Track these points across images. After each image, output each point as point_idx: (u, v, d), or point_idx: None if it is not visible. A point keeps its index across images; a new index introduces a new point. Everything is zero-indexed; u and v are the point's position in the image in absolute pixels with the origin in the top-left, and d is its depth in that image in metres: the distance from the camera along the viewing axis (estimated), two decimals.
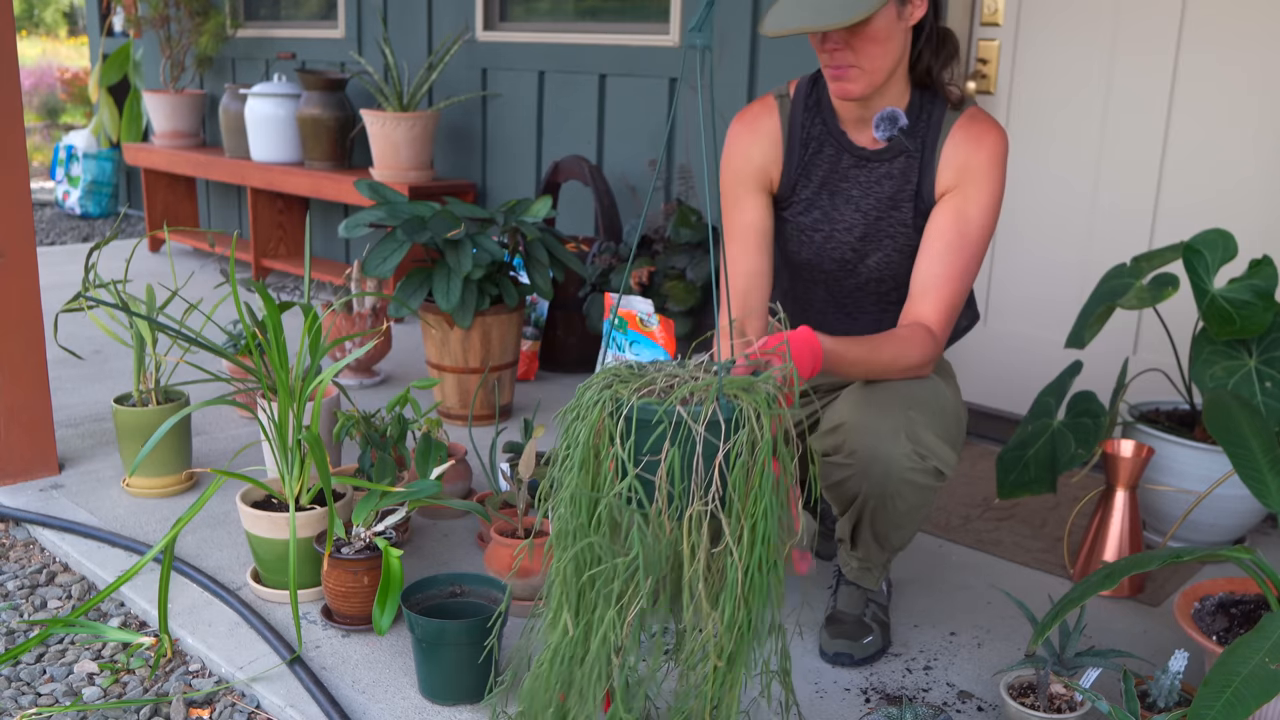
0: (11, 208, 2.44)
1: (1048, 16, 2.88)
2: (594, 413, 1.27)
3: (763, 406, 1.27)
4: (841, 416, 1.74)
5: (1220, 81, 2.64)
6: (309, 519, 2.00)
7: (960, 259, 1.77)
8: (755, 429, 1.25)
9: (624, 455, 1.26)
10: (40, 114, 11.09)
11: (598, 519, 1.29)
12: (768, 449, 1.26)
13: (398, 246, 2.81)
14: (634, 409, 1.26)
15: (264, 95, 4.58)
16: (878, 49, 1.69)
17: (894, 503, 1.74)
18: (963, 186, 1.78)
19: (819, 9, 1.62)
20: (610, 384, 1.31)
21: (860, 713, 1.74)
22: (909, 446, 1.69)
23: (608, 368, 1.36)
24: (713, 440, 1.25)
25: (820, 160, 1.87)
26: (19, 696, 1.80)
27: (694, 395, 1.27)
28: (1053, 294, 2.98)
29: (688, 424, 1.24)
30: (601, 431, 1.28)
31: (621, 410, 1.27)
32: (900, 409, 1.71)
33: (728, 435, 1.25)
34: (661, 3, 3.60)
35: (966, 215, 1.77)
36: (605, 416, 1.28)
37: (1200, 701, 1.27)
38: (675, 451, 1.25)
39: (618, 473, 1.27)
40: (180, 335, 2.25)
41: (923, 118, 1.81)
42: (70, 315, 4.03)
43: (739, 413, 1.26)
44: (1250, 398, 2.13)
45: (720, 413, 1.25)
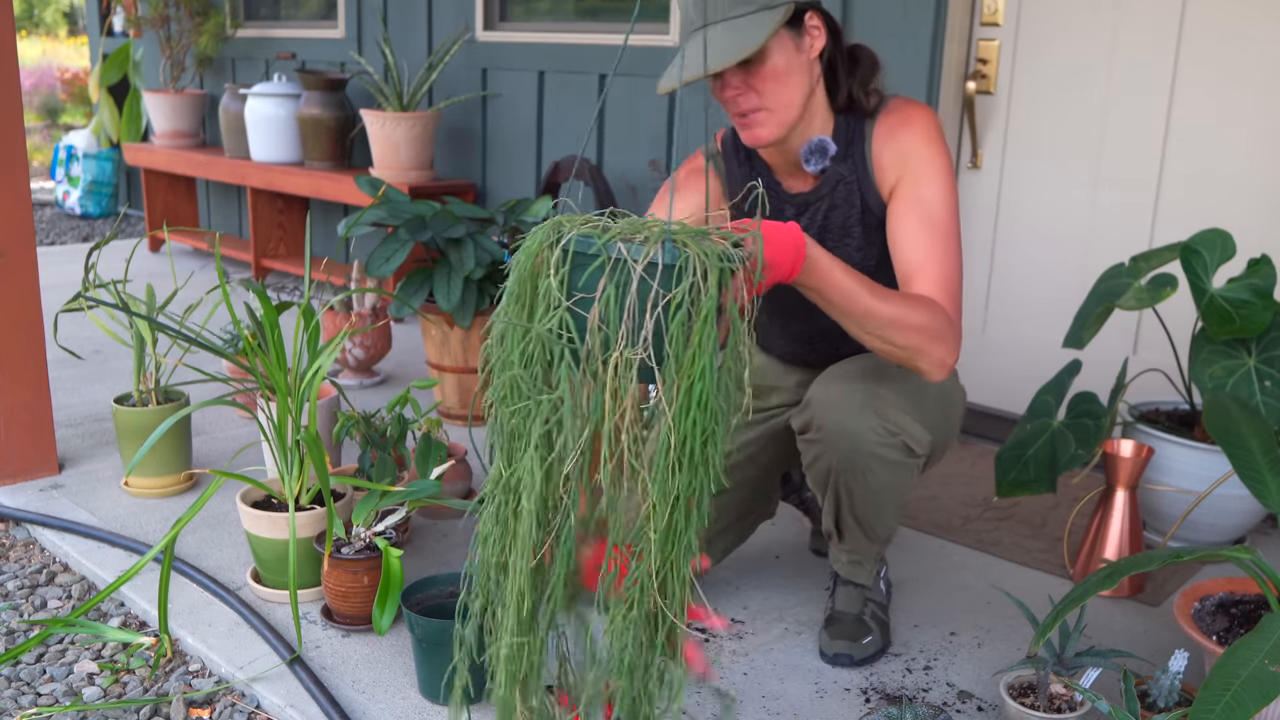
0: (11, 208, 2.44)
1: (1048, 16, 2.88)
2: (535, 239, 1.20)
3: (712, 261, 1.16)
4: (811, 393, 1.76)
5: (1220, 82, 2.64)
6: (309, 519, 2.00)
7: (936, 238, 1.65)
8: (700, 282, 1.16)
9: (555, 285, 1.18)
10: (40, 114, 11.09)
11: (528, 356, 1.21)
12: (711, 304, 1.15)
13: (400, 246, 2.81)
14: (572, 240, 1.18)
15: (264, 95, 4.58)
16: (779, 86, 1.64)
17: (865, 479, 1.74)
18: (905, 175, 1.70)
19: (712, 52, 1.58)
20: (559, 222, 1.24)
21: (860, 713, 1.74)
22: (875, 421, 1.69)
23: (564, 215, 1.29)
24: (649, 281, 1.16)
25: (753, 206, 1.84)
26: (19, 696, 1.80)
27: (640, 234, 1.19)
28: (1053, 294, 2.98)
29: (627, 262, 1.16)
30: (541, 262, 1.20)
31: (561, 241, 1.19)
32: (868, 385, 1.71)
33: (670, 282, 1.16)
34: (661, 3, 3.60)
35: (922, 197, 1.68)
36: (545, 247, 1.20)
37: (1200, 704, 1.27)
38: (611, 289, 1.16)
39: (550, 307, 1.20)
40: (180, 335, 2.25)
41: (850, 137, 1.76)
42: (70, 315, 4.03)
43: (684, 260, 1.16)
44: (1250, 397, 2.13)
45: (663, 256, 1.16)
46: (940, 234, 1.66)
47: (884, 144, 1.74)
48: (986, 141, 3.04)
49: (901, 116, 1.74)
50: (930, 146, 1.71)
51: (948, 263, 1.64)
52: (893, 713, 1.57)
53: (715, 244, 1.19)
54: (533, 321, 1.21)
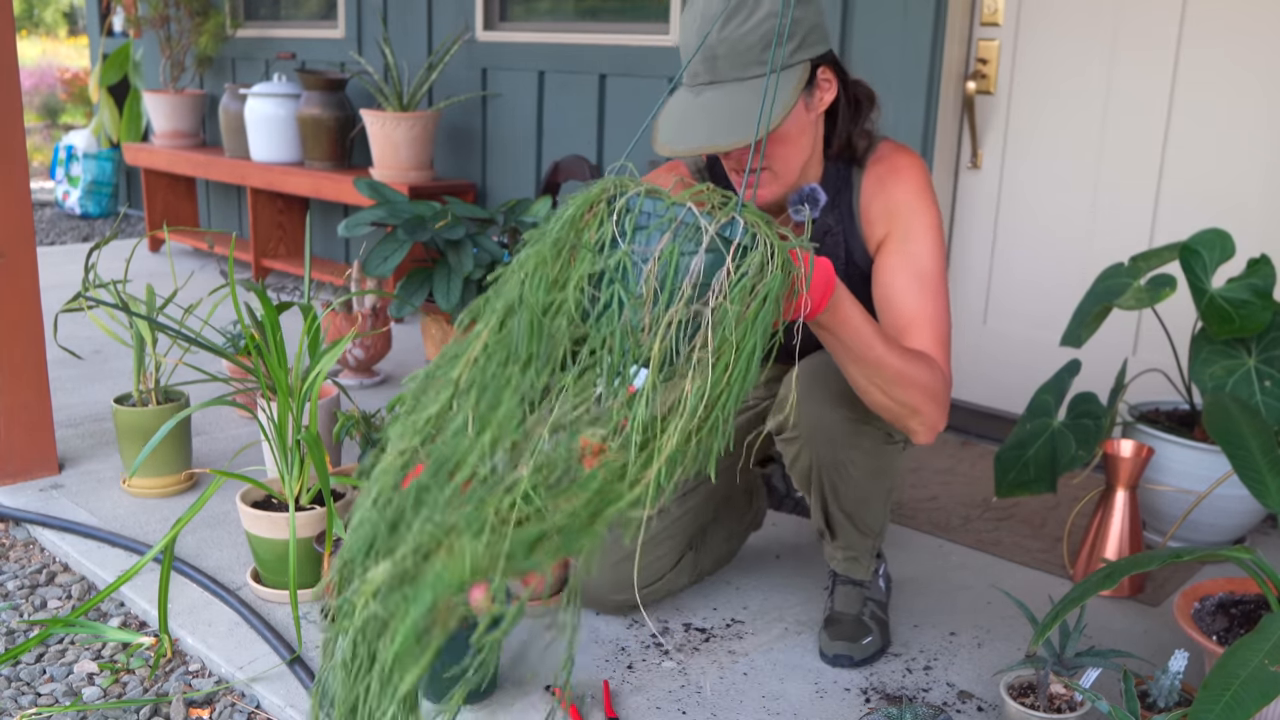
0: (11, 208, 2.44)
1: (1048, 16, 2.88)
2: (593, 191, 1.13)
3: (777, 245, 1.14)
4: (783, 393, 1.76)
5: (1220, 82, 2.64)
6: (309, 519, 2.00)
7: (927, 294, 1.60)
8: (767, 257, 1.12)
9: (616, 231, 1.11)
10: (40, 114, 11.09)
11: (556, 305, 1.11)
12: (774, 285, 1.12)
13: (398, 246, 2.81)
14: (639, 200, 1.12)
15: (264, 95, 4.58)
16: (789, 149, 1.57)
17: (847, 471, 1.75)
18: (895, 229, 1.64)
19: (716, 123, 1.46)
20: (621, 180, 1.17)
21: (860, 713, 1.74)
22: (849, 411, 1.69)
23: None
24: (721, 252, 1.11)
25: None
26: (19, 696, 1.80)
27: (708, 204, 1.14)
28: (1052, 294, 2.98)
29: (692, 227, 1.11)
30: (594, 212, 1.13)
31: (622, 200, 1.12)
32: (839, 376, 1.69)
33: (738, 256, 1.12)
34: (661, 3, 3.60)
35: (913, 252, 1.62)
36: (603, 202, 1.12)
37: (1200, 704, 1.27)
38: (673, 246, 1.11)
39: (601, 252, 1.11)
40: (180, 335, 2.25)
41: (839, 185, 1.70)
42: (70, 315, 4.03)
43: (752, 237, 1.12)
44: (1249, 397, 2.13)
45: (733, 232, 1.12)
46: (931, 290, 1.61)
47: (873, 195, 1.68)
48: (986, 141, 3.04)
49: (890, 166, 1.68)
50: (920, 199, 1.65)
51: (940, 322, 1.60)
52: (893, 713, 1.57)
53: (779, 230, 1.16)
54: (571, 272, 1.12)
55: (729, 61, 1.48)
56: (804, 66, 1.52)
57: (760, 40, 1.47)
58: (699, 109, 1.49)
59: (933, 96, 2.98)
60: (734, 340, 1.10)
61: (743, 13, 1.46)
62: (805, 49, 1.51)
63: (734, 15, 1.46)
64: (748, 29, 1.46)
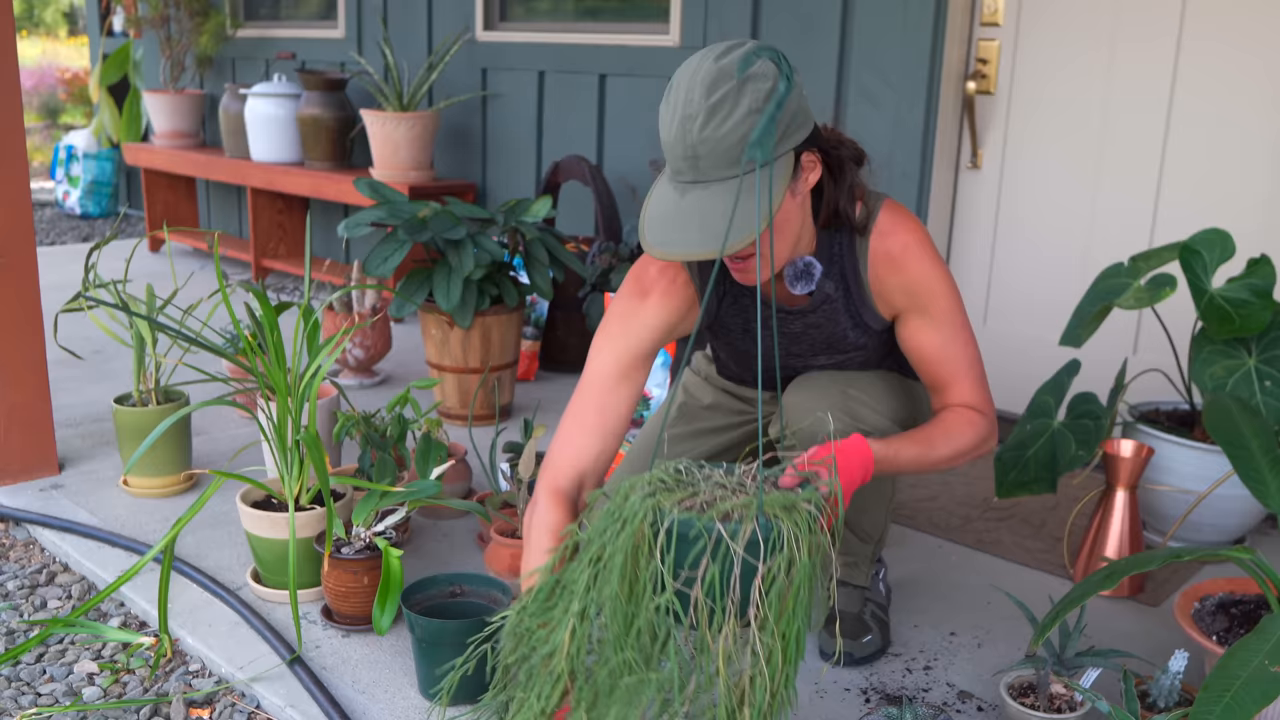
0: (11, 208, 2.44)
1: (1048, 16, 2.88)
2: (635, 522, 1.26)
3: (803, 530, 1.25)
4: (784, 400, 1.76)
5: (1220, 81, 2.64)
6: (309, 519, 2.00)
7: (957, 344, 1.68)
8: (794, 552, 1.24)
9: (664, 569, 1.25)
10: (40, 114, 11.09)
11: (636, 630, 1.27)
12: (805, 573, 1.24)
13: (398, 246, 2.81)
14: (674, 522, 1.24)
15: (264, 95, 4.58)
16: (778, 237, 1.55)
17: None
18: (917, 303, 1.68)
19: (705, 228, 1.44)
20: (654, 492, 1.30)
21: (860, 713, 1.74)
22: (847, 421, 1.69)
23: (655, 473, 1.34)
24: (751, 560, 1.24)
25: (737, 309, 1.77)
26: (19, 696, 1.80)
27: (735, 512, 1.26)
28: (1052, 294, 2.98)
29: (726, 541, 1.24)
30: (641, 541, 1.26)
31: (662, 521, 1.25)
32: (838, 389, 1.71)
33: (766, 555, 1.24)
34: (661, 3, 3.60)
35: (937, 315, 1.68)
36: (646, 526, 1.26)
37: (1200, 705, 1.27)
38: (714, 568, 1.23)
39: (656, 586, 1.26)
40: (180, 335, 2.25)
41: (835, 252, 1.69)
42: (70, 315, 4.03)
43: (777, 534, 1.24)
44: (1250, 397, 2.13)
45: (759, 532, 1.23)
46: (960, 337, 1.69)
47: (884, 276, 1.68)
48: (986, 141, 3.04)
49: (899, 244, 1.66)
50: (932, 267, 1.67)
51: (973, 361, 1.70)
52: (893, 713, 1.57)
53: (803, 510, 1.26)
54: (636, 597, 1.27)
55: (711, 161, 1.45)
56: (788, 158, 1.49)
57: (741, 139, 1.43)
58: (686, 211, 1.47)
59: (933, 96, 2.98)
60: (779, 632, 1.25)
61: (722, 111, 1.42)
62: (788, 139, 1.48)
63: (714, 114, 1.42)
64: (728, 129, 1.42)
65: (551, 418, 3.14)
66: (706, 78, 1.43)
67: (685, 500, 1.29)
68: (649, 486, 1.30)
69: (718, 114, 1.42)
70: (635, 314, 1.70)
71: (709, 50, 1.47)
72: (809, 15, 3.18)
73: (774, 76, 1.43)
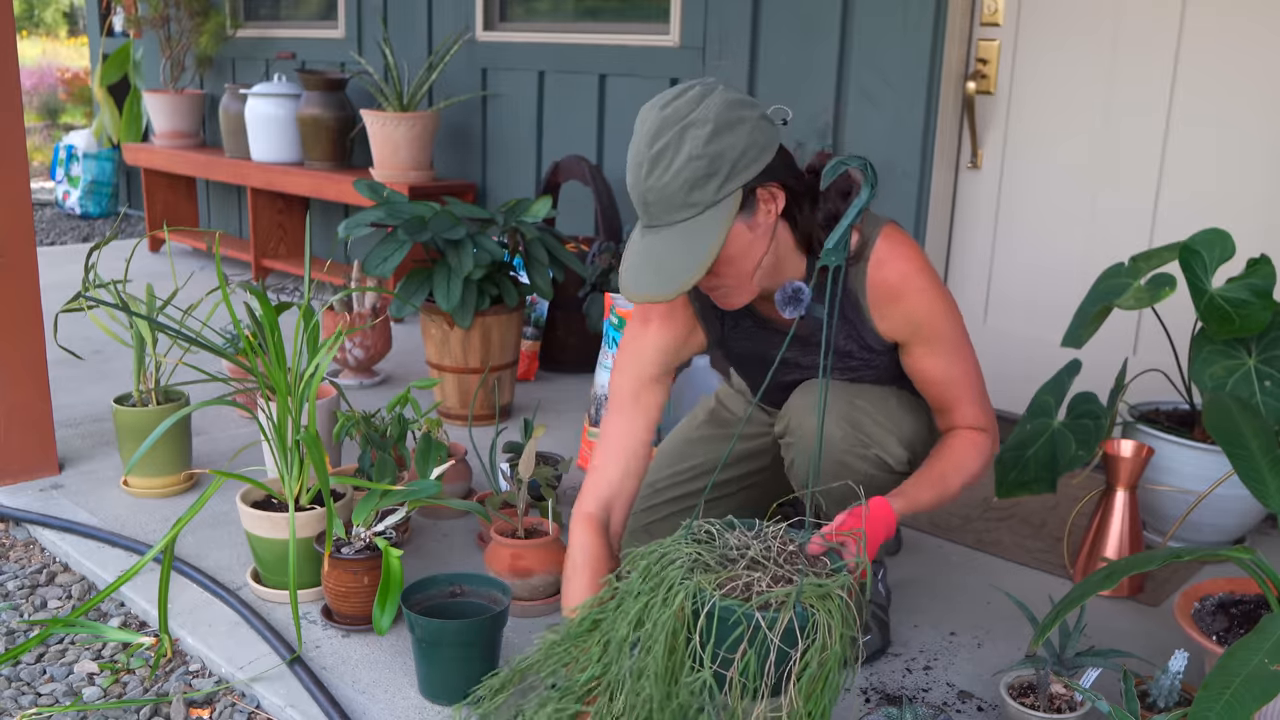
0: (11, 208, 2.44)
1: (1048, 16, 2.88)
2: (675, 603, 1.34)
3: (836, 619, 1.33)
4: (790, 400, 1.81)
5: (1220, 81, 2.64)
6: (309, 519, 2.00)
7: (959, 370, 1.75)
8: (827, 640, 1.32)
9: (703, 653, 1.32)
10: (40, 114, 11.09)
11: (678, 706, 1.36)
12: (835, 660, 1.32)
13: (398, 246, 2.81)
14: (715, 607, 1.32)
15: (264, 95, 4.58)
16: (738, 266, 1.59)
17: (841, 492, 1.77)
18: (920, 331, 1.72)
19: (660, 270, 1.53)
20: (693, 569, 1.37)
21: (860, 713, 1.74)
22: (847, 429, 1.74)
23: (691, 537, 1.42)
24: (786, 649, 1.32)
25: (740, 333, 1.84)
26: (19, 696, 1.80)
27: (774, 602, 1.33)
28: (1052, 294, 2.98)
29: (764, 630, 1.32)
30: (682, 621, 1.34)
31: (703, 604, 1.33)
32: (844, 398, 1.76)
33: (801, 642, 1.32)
34: (661, 3, 3.60)
35: (938, 348, 1.73)
36: (687, 607, 1.34)
37: (1200, 704, 1.27)
38: (752, 654, 1.31)
39: (694, 663, 1.34)
40: (180, 335, 2.25)
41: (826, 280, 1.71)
42: (70, 315, 4.03)
43: (813, 624, 1.32)
44: (1250, 397, 2.13)
45: (796, 620, 1.31)
46: (962, 361, 1.75)
47: (883, 305, 1.71)
48: (986, 141, 3.04)
49: (895, 272, 1.68)
50: (932, 296, 1.70)
51: (974, 379, 1.76)
52: (893, 713, 1.57)
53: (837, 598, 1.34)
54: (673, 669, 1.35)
55: (660, 207, 1.52)
56: (734, 198, 1.52)
57: (683, 186, 1.49)
58: (646, 256, 1.55)
59: (933, 96, 2.98)
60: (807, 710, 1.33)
61: (664, 161, 1.49)
62: (734, 178, 1.51)
63: (656, 164, 1.50)
64: (669, 177, 1.49)
65: (551, 417, 3.14)
66: (652, 127, 1.51)
67: (725, 582, 1.36)
68: (688, 560, 1.38)
69: (660, 163, 1.49)
70: (639, 339, 1.81)
71: (662, 95, 1.55)
72: (809, 15, 3.18)
73: (713, 121, 1.49)
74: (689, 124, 1.49)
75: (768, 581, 1.37)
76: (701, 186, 1.49)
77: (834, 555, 1.46)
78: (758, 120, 1.53)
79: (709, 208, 1.51)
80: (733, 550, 1.43)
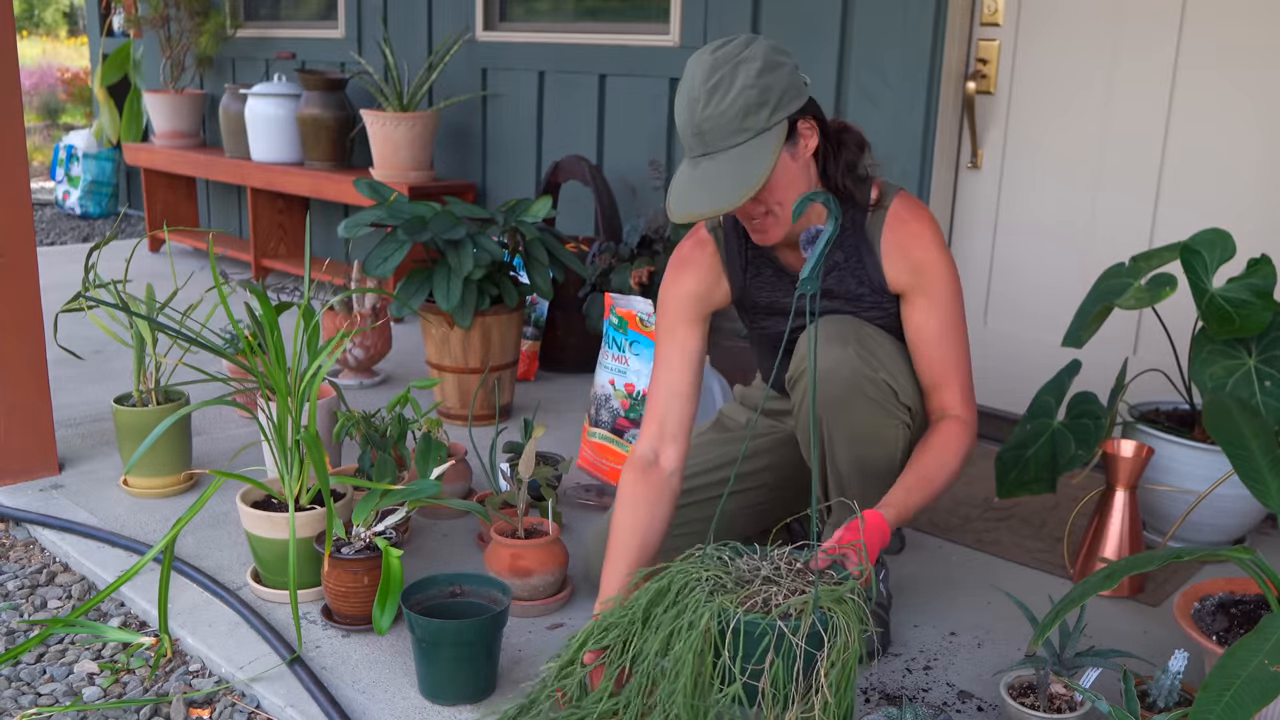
0: (11, 208, 2.44)
1: (1048, 16, 2.88)
2: (701, 625, 1.41)
3: (853, 619, 1.41)
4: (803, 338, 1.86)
5: (1220, 81, 2.64)
6: (309, 519, 2.00)
7: (952, 342, 1.85)
8: (848, 637, 1.40)
9: (734, 667, 1.39)
10: (40, 114, 11.09)
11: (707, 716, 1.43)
12: (854, 657, 1.40)
13: (398, 246, 2.81)
14: (740, 622, 1.39)
15: (264, 95, 4.58)
16: (784, 194, 1.74)
17: (849, 415, 1.79)
18: (921, 287, 1.83)
19: (715, 189, 1.67)
20: (714, 591, 1.46)
21: (860, 713, 1.74)
22: (857, 349, 1.77)
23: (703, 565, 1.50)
24: (812, 651, 1.39)
25: (761, 282, 1.95)
26: (19, 696, 1.80)
27: (793, 610, 1.41)
28: (1052, 294, 2.98)
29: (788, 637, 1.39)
30: (709, 640, 1.41)
31: (728, 622, 1.40)
32: (855, 324, 1.82)
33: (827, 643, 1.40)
34: (661, 3, 3.60)
35: (939, 310, 1.84)
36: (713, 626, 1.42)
37: (1200, 704, 1.27)
38: (780, 661, 1.38)
39: (724, 678, 1.41)
40: (180, 335, 2.25)
41: (849, 226, 1.86)
42: (70, 315, 4.02)
43: (833, 626, 1.40)
44: (1250, 397, 2.13)
45: (818, 624, 1.39)
46: (954, 335, 1.85)
47: (894, 256, 1.83)
48: (986, 141, 3.04)
49: (910, 232, 1.83)
50: (937, 258, 1.83)
51: (963, 360, 1.86)
52: (893, 713, 1.57)
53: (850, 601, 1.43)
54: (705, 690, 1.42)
55: (715, 134, 1.68)
56: (782, 125, 1.69)
57: (739, 112, 1.66)
58: (699, 179, 1.69)
59: (933, 96, 2.98)
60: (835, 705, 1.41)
61: (720, 92, 1.66)
62: (781, 109, 1.69)
63: (712, 95, 1.67)
64: (725, 105, 1.66)
65: (551, 417, 3.14)
66: (706, 66, 1.68)
67: (744, 599, 1.45)
68: (709, 584, 1.47)
69: (716, 94, 1.66)
70: (674, 287, 1.94)
71: (710, 44, 1.72)
72: (809, 15, 3.18)
73: (761, 59, 1.67)
74: (741, 61, 1.66)
75: (784, 595, 1.45)
76: (755, 113, 1.66)
77: (839, 567, 1.54)
78: (793, 68, 1.72)
79: (760, 133, 1.67)
80: (745, 572, 1.51)
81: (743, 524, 2.14)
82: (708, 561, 1.52)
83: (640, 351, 2.57)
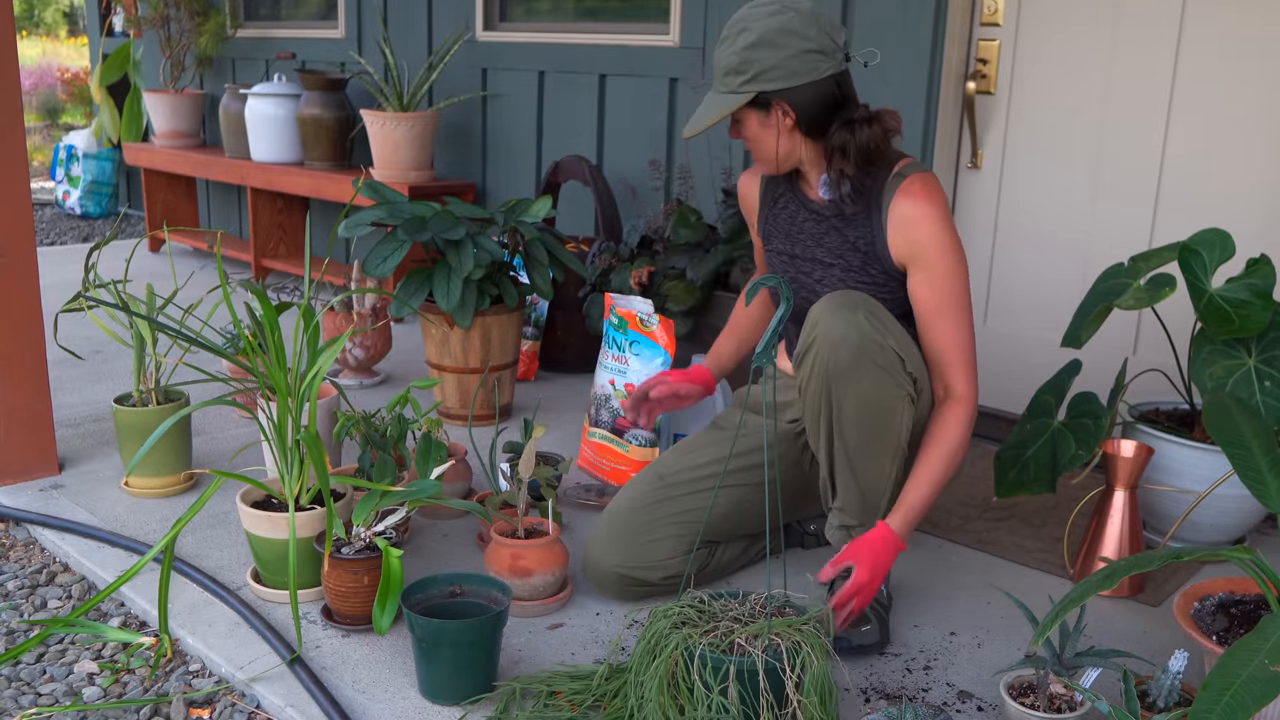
0: (11, 208, 2.44)
1: (1048, 16, 2.88)
2: (666, 654, 1.57)
3: (814, 641, 1.58)
4: (811, 312, 1.88)
5: (1219, 81, 2.64)
6: (309, 519, 2.00)
7: (954, 321, 1.92)
8: (810, 658, 1.56)
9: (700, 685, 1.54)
10: (40, 114, 11.09)
11: None
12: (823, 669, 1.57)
13: (398, 246, 2.81)
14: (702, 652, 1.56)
15: (264, 95, 4.58)
16: (753, 143, 1.98)
17: (855, 385, 1.79)
18: (921, 261, 1.93)
19: (696, 116, 1.95)
20: (682, 624, 1.63)
21: (860, 713, 1.74)
22: (864, 316, 1.80)
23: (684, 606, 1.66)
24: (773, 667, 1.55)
25: (782, 214, 2.11)
26: (19, 696, 1.80)
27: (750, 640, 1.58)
28: (1052, 294, 2.98)
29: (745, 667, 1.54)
30: (676, 667, 1.57)
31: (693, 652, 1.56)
32: (862, 300, 1.85)
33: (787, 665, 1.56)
34: (661, 3, 3.60)
35: (938, 284, 1.92)
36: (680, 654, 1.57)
37: (1200, 704, 1.27)
38: (736, 687, 1.53)
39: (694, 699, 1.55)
40: (180, 335, 2.25)
41: (866, 185, 1.97)
42: (70, 315, 4.03)
43: (790, 651, 1.56)
44: (1249, 397, 2.13)
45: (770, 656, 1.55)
46: (956, 314, 1.93)
47: (900, 228, 1.94)
48: (986, 141, 3.04)
49: (916, 204, 1.92)
50: (942, 235, 1.91)
51: (965, 340, 1.93)
52: (893, 713, 1.57)
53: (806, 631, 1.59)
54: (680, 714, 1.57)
55: (714, 74, 1.94)
56: (745, 96, 1.89)
57: (723, 69, 1.90)
58: (701, 103, 1.98)
59: (933, 96, 2.98)
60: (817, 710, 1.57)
61: (724, 45, 1.91)
62: (755, 82, 1.88)
63: (720, 44, 1.92)
64: (726, 54, 1.90)
65: (551, 417, 3.14)
66: (738, 16, 1.91)
67: (708, 632, 1.61)
68: (678, 616, 1.63)
69: (722, 45, 1.91)
70: (742, 209, 2.26)
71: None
72: None
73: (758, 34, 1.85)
74: (746, 28, 1.87)
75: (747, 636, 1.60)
76: (732, 75, 1.89)
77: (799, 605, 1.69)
78: (804, 54, 1.86)
79: (728, 93, 1.91)
80: (719, 612, 1.67)
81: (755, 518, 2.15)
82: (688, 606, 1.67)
83: (640, 351, 2.57)
